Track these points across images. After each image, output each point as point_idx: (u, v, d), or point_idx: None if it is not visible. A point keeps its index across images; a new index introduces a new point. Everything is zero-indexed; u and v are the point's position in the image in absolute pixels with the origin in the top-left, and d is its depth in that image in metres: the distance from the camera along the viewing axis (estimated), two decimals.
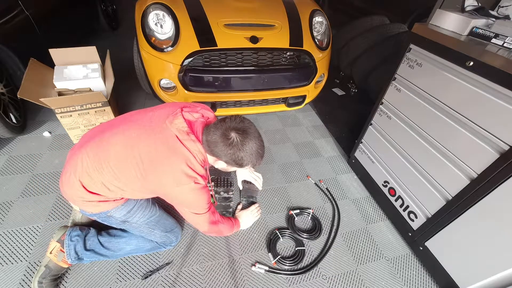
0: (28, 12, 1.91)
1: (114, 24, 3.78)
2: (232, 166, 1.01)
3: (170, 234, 1.25)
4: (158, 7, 1.71)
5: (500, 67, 0.91)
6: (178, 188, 0.94)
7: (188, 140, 0.93)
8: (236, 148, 0.92)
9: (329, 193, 1.74)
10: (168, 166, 0.92)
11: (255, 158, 0.96)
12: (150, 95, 2.12)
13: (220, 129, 0.93)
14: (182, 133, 0.93)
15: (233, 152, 0.92)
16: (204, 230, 1.15)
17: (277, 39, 1.80)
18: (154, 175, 0.93)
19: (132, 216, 1.12)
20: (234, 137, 0.91)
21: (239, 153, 0.93)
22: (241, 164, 0.97)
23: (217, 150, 0.94)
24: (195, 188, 0.94)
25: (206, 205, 1.05)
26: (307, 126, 2.35)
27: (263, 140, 1.02)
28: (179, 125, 0.94)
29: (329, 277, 1.32)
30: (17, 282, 1.16)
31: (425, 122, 1.25)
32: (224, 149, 0.92)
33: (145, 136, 0.94)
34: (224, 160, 0.97)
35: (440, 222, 1.21)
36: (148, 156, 0.92)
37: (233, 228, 1.30)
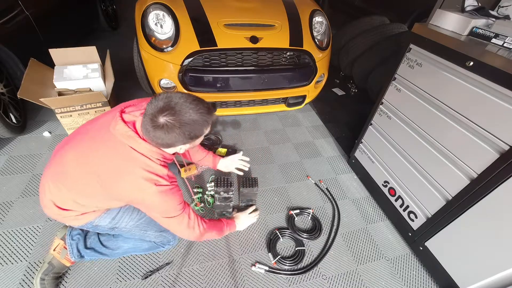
0: (28, 12, 1.91)
1: (114, 24, 3.78)
2: (193, 141, 0.92)
3: (165, 233, 1.23)
4: (158, 7, 1.71)
5: (500, 67, 0.91)
6: (141, 194, 0.89)
7: (136, 143, 0.87)
8: (176, 128, 0.81)
9: (329, 193, 1.74)
10: (124, 175, 0.87)
11: (202, 123, 0.87)
12: (150, 95, 2.12)
13: (148, 122, 0.82)
14: (127, 138, 0.87)
15: (177, 133, 0.83)
16: (184, 235, 1.09)
17: (277, 39, 1.80)
18: (114, 187, 0.89)
19: (118, 222, 1.12)
20: (164, 121, 0.80)
21: (183, 130, 0.83)
22: (196, 135, 0.88)
23: (162, 142, 0.85)
24: (159, 190, 0.88)
25: (178, 206, 0.97)
26: (307, 126, 2.35)
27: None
28: (121, 130, 0.87)
29: (329, 277, 1.32)
30: (17, 282, 1.16)
31: (425, 122, 1.25)
32: (166, 136, 0.82)
33: (95, 148, 0.90)
34: (177, 145, 0.88)
35: (440, 222, 1.21)
36: (103, 169, 0.88)
37: (223, 230, 1.25)
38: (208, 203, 1.57)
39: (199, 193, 1.61)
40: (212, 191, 1.62)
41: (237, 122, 2.29)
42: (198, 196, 1.59)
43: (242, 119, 2.33)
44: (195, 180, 1.72)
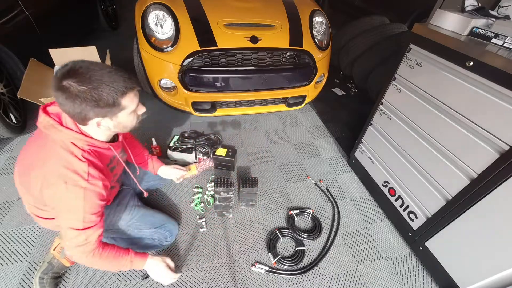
0: (28, 12, 1.91)
1: (114, 24, 3.78)
2: (108, 112, 0.79)
3: (161, 230, 1.23)
4: (158, 7, 1.71)
5: (500, 67, 0.91)
6: (47, 192, 0.81)
7: (57, 132, 0.81)
8: (80, 93, 0.72)
9: (329, 193, 1.74)
10: (37, 170, 0.82)
11: (111, 87, 0.76)
12: (150, 95, 2.12)
13: (54, 91, 0.74)
14: (49, 127, 0.81)
15: (83, 98, 0.72)
16: (68, 249, 0.92)
17: (277, 39, 1.80)
18: (31, 182, 0.84)
19: (111, 223, 1.14)
20: (67, 85, 0.71)
21: (88, 95, 0.73)
22: (107, 103, 0.76)
23: (73, 112, 0.76)
24: (67, 191, 0.79)
25: (87, 216, 0.83)
26: (307, 126, 2.35)
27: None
28: (44, 121, 0.81)
29: (329, 277, 1.32)
30: (17, 282, 1.16)
31: (425, 122, 1.25)
32: (73, 103, 0.73)
33: (28, 149, 0.87)
34: (90, 116, 0.77)
35: (440, 222, 1.21)
36: (29, 167, 0.84)
37: (123, 261, 0.98)
38: (208, 203, 1.57)
39: (199, 193, 1.61)
40: (212, 191, 1.62)
41: (237, 122, 2.29)
42: (198, 196, 1.59)
43: (242, 119, 2.33)
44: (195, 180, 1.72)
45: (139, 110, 0.91)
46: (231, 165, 1.76)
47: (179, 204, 1.56)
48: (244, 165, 1.88)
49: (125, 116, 0.85)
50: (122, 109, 0.82)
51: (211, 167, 1.80)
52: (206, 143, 1.81)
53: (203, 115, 1.93)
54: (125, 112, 0.84)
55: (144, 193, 1.32)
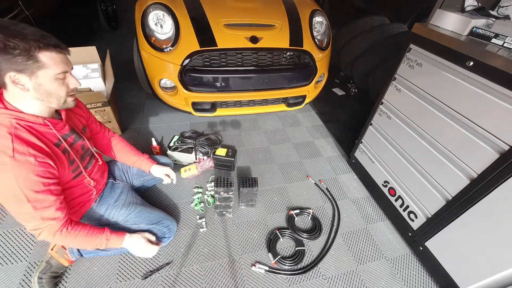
0: (28, 12, 1.91)
1: (114, 24, 3.78)
2: (31, 72, 0.74)
3: (158, 226, 1.22)
4: (158, 7, 1.70)
5: (500, 67, 0.91)
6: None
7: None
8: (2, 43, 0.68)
9: (329, 193, 1.74)
10: None
11: (39, 36, 0.73)
12: (150, 95, 2.12)
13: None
14: None
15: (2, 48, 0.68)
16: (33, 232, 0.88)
17: (277, 39, 1.80)
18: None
19: (108, 218, 1.16)
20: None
21: (7, 42, 0.69)
22: (29, 54, 0.71)
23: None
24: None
25: (32, 195, 0.79)
26: (307, 126, 2.35)
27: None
28: None
29: (329, 277, 1.32)
30: (17, 282, 1.16)
31: (425, 122, 1.25)
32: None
33: None
34: (10, 69, 0.72)
35: (440, 222, 1.21)
36: None
37: (97, 239, 0.98)
38: (208, 203, 1.57)
39: (199, 193, 1.61)
40: (212, 191, 1.62)
41: (237, 122, 2.29)
42: (198, 196, 1.59)
43: (242, 119, 2.33)
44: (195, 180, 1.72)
45: (70, 82, 0.84)
46: (231, 165, 1.76)
47: (179, 204, 1.56)
48: (244, 165, 1.88)
49: (47, 78, 0.77)
50: (42, 67, 0.75)
51: (211, 167, 1.80)
52: (206, 143, 1.81)
53: (203, 115, 1.93)
54: (47, 73, 0.77)
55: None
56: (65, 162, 0.92)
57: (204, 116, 1.98)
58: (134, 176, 1.45)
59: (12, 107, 0.79)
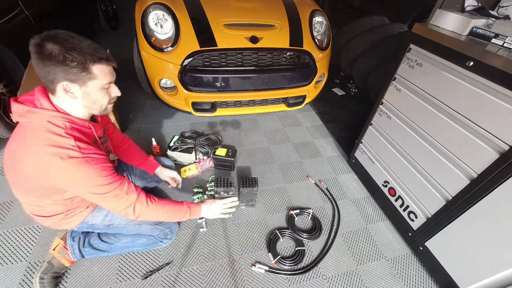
0: (28, 12, 1.91)
1: (114, 24, 3.78)
2: (76, 77, 0.79)
3: (161, 227, 1.23)
4: (158, 7, 1.71)
5: (500, 67, 0.91)
6: (51, 174, 0.81)
7: (33, 115, 0.81)
8: (57, 52, 0.74)
9: (329, 193, 1.74)
10: (28, 158, 0.81)
11: (85, 51, 0.79)
12: (150, 95, 2.12)
13: (32, 53, 0.76)
14: (24, 114, 0.81)
15: (57, 61, 0.75)
16: (127, 213, 0.97)
17: (277, 39, 1.80)
18: (25, 173, 0.83)
19: (112, 218, 1.15)
20: (44, 44, 0.74)
21: (66, 54, 0.75)
22: (84, 66, 0.78)
23: (45, 77, 0.78)
24: (68, 164, 0.79)
25: (102, 179, 0.87)
26: (307, 126, 2.35)
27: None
28: (18, 110, 0.82)
29: (329, 277, 1.32)
30: (17, 282, 1.16)
31: (425, 122, 1.25)
32: (46, 66, 0.75)
33: (10, 144, 0.87)
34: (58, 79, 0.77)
35: (440, 222, 1.21)
36: (15, 160, 0.84)
37: (181, 211, 1.13)
38: None
39: (199, 193, 1.61)
40: (212, 191, 1.62)
41: (237, 122, 2.29)
42: (198, 196, 1.59)
43: (242, 119, 2.33)
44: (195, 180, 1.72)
45: (112, 91, 0.91)
46: (231, 165, 1.76)
47: None
48: (244, 165, 1.88)
49: (95, 88, 0.84)
50: (93, 78, 0.81)
51: (211, 167, 1.80)
52: (206, 143, 1.81)
53: (203, 115, 1.93)
54: (96, 83, 0.83)
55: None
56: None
57: (204, 116, 1.98)
58: (137, 178, 1.46)
59: (63, 111, 0.85)
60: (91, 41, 0.82)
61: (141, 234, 1.23)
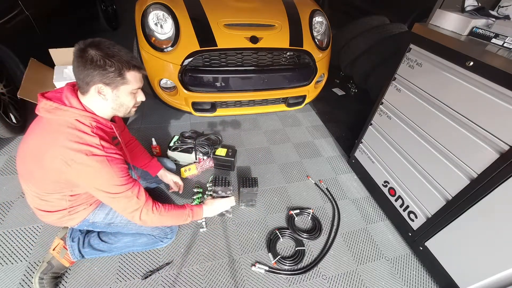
0: (28, 12, 1.91)
1: (114, 24, 3.78)
2: (110, 81, 0.85)
3: (161, 226, 1.24)
4: (158, 7, 1.71)
5: (500, 67, 0.91)
6: (72, 169, 0.83)
7: (61, 112, 0.84)
8: (98, 57, 0.81)
9: (329, 193, 1.74)
10: (48, 149, 0.83)
11: (123, 59, 0.85)
12: (150, 95, 2.12)
13: (75, 56, 0.82)
14: (52, 111, 0.84)
15: (96, 65, 0.81)
16: (135, 217, 1.00)
17: (277, 39, 1.80)
18: (45, 165, 0.85)
19: (113, 217, 1.15)
20: (87, 49, 0.81)
21: (106, 60, 0.81)
22: (120, 72, 0.85)
23: (82, 79, 0.83)
24: (91, 161, 0.83)
25: (119, 179, 0.90)
26: (307, 126, 2.35)
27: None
28: (46, 106, 0.85)
29: (329, 277, 1.32)
30: (17, 282, 1.16)
31: (425, 122, 1.25)
32: (89, 67, 0.81)
33: (31, 137, 0.90)
34: (100, 82, 0.84)
35: (440, 222, 1.21)
36: (35, 152, 0.87)
37: (184, 215, 1.15)
38: None
39: (199, 193, 1.61)
40: (211, 191, 1.62)
41: (237, 122, 2.29)
42: (198, 196, 1.59)
43: (242, 119, 2.33)
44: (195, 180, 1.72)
45: (138, 96, 0.97)
46: (231, 165, 1.76)
47: (179, 204, 1.55)
48: (244, 165, 1.88)
49: (125, 92, 0.90)
50: (125, 83, 0.88)
51: (211, 167, 1.80)
52: (206, 143, 1.81)
53: (203, 115, 1.93)
54: (127, 88, 0.90)
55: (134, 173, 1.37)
56: None
57: (204, 116, 1.98)
58: (141, 178, 1.46)
59: (90, 110, 0.90)
60: (128, 50, 0.89)
61: (141, 233, 1.23)
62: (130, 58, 0.87)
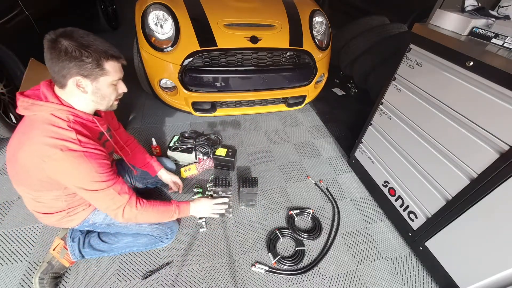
0: (28, 12, 1.91)
1: (114, 24, 3.78)
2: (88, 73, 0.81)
3: (162, 226, 1.24)
4: (158, 7, 1.71)
5: (500, 67, 0.91)
6: (49, 165, 0.81)
7: (39, 107, 0.82)
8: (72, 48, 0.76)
9: (329, 193, 1.74)
10: (23, 145, 0.82)
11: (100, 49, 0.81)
12: (150, 95, 2.12)
13: (46, 48, 0.78)
14: (29, 107, 0.82)
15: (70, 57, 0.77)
16: (117, 214, 0.97)
17: (277, 39, 1.80)
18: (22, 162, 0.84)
19: (112, 219, 1.15)
20: (59, 40, 0.76)
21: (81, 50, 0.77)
22: (98, 63, 0.81)
23: (56, 72, 0.79)
24: (67, 156, 0.80)
25: (98, 176, 0.87)
26: (307, 126, 2.35)
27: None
28: (23, 103, 0.82)
29: (329, 277, 1.32)
30: (17, 282, 1.16)
31: (425, 122, 1.25)
32: (58, 61, 0.77)
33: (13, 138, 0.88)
34: (70, 74, 0.79)
35: (440, 222, 1.21)
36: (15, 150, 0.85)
37: (170, 211, 1.13)
38: None
39: (199, 193, 1.61)
40: (211, 191, 1.62)
41: (237, 122, 2.29)
42: (198, 196, 1.59)
43: (242, 119, 2.33)
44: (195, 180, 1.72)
45: (120, 87, 0.93)
46: (231, 165, 1.76)
47: None
48: (244, 165, 1.88)
49: (105, 84, 0.87)
50: (105, 74, 0.84)
51: (211, 167, 1.80)
52: (206, 143, 1.81)
53: (203, 115, 1.93)
54: (106, 79, 0.86)
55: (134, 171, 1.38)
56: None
57: (204, 116, 1.98)
58: (138, 179, 1.46)
59: (68, 104, 0.86)
60: (103, 40, 0.85)
61: (141, 233, 1.23)
62: (108, 47, 0.83)
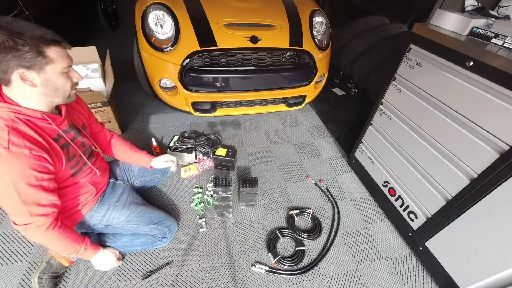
0: (28, 12, 1.91)
1: (114, 24, 3.78)
2: (40, 68, 0.76)
3: (159, 226, 1.24)
4: (158, 7, 1.70)
5: (500, 67, 0.91)
6: None
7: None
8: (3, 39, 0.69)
9: (329, 193, 1.74)
10: None
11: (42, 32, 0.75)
12: (150, 95, 2.12)
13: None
14: None
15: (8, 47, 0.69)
16: (20, 229, 0.86)
17: (277, 39, 1.80)
18: None
19: (109, 219, 1.15)
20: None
21: (15, 39, 0.70)
22: (38, 50, 0.73)
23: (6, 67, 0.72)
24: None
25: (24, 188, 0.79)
26: (307, 126, 2.35)
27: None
28: None
29: (329, 277, 1.32)
30: (17, 282, 1.16)
31: (425, 122, 1.25)
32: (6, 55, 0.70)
33: None
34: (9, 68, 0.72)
35: (440, 222, 1.21)
36: None
37: (75, 248, 0.98)
38: (208, 203, 1.57)
39: (199, 193, 1.61)
40: (211, 191, 1.62)
41: (237, 122, 2.29)
42: (198, 196, 1.59)
43: (242, 119, 2.33)
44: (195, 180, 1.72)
45: (73, 75, 0.86)
46: (231, 165, 1.76)
47: (179, 204, 1.56)
48: (244, 165, 1.88)
49: (54, 73, 0.79)
50: (50, 62, 0.77)
51: (211, 167, 1.80)
52: (206, 143, 1.81)
53: (203, 115, 1.93)
54: (54, 68, 0.79)
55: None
56: (62, 157, 0.92)
57: (204, 116, 1.98)
58: (136, 176, 1.45)
59: (10, 101, 0.80)
60: (37, 25, 0.76)
61: (139, 233, 1.23)
62: (44, 32, 0.75)
